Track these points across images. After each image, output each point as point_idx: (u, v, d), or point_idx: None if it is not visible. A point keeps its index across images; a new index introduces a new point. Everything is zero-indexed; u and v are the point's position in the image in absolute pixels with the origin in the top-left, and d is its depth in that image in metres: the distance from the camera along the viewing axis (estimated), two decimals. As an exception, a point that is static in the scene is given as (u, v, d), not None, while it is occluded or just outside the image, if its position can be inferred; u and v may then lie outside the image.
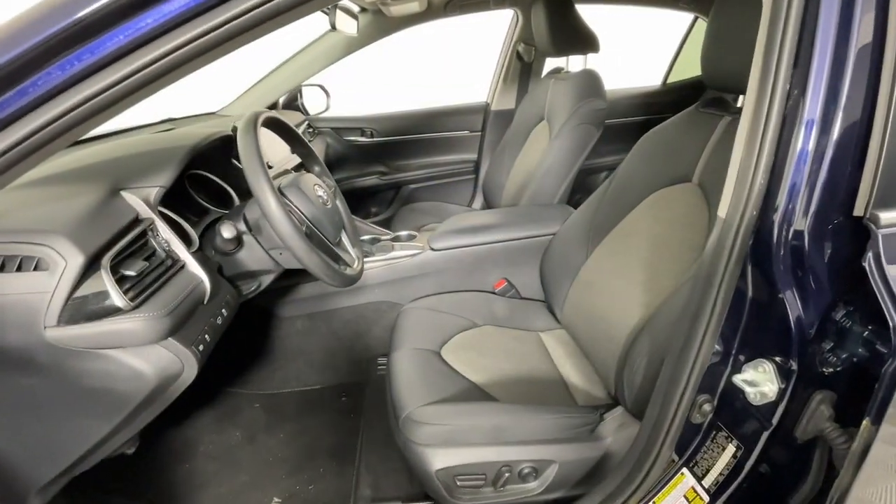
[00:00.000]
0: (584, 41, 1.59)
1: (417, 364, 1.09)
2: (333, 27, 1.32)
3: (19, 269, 0.70)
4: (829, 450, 0.66)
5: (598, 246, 1.18)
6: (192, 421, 1.40)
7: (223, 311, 0.92)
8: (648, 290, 1.00)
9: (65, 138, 0.60)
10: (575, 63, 1.71)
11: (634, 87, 2.32)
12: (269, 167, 1.14)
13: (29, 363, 0.72)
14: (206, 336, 0.85)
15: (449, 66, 3.50)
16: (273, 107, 1.93)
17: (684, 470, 0.77)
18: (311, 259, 0.86)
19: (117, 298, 0.72)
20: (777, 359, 0.63)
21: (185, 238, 0.92)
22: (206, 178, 1.13)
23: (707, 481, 0.73)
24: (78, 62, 0.55)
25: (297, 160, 1.61)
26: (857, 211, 0.57)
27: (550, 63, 1.97)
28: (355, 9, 1.56)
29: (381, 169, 2.20)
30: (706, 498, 0.73)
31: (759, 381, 0.65)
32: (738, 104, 1.00)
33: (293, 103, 2.05)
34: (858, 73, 0.55)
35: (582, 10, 1.61)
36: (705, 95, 1.10)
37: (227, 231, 0.93)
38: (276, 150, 1.46)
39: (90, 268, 0.72)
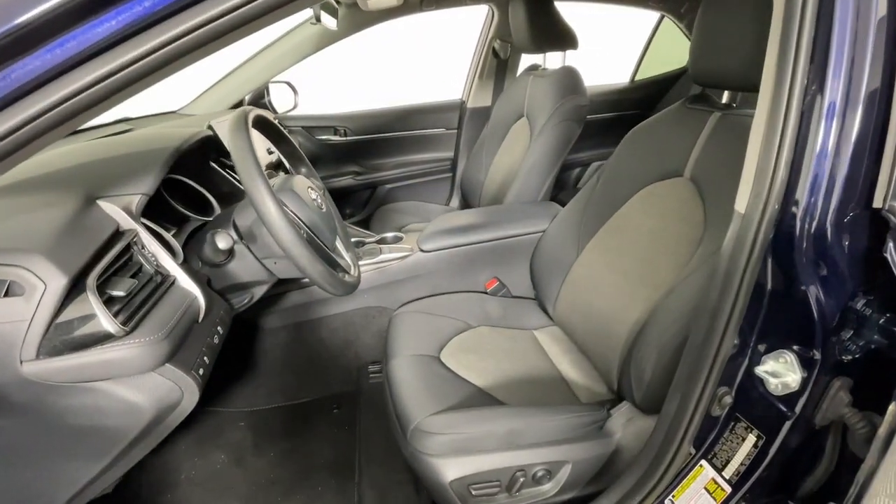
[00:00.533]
0: (563, 38, 1.60)
1: (419, 371, 1.06)
2: (318, 19, 1.26)
3: None
4: (842, 433, 0.68)
5: (589, 242, 1.18)
6: (171, 446, 1.29)
7: (218, 328, 0.84)
8: (647, 284, 1.01)
9: (42, 140, 0.53)
10: (552, 60, 1.72)
11: (603, 84, 2.36)
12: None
13: (1, 403, 0.62)
14: (205, 358, 0.77)
15: (422, 63, 3.43)
16: (239, 105, 1.83)
17: (703, 462, 0.78)
18: (315, 268, 0.80)
19: (108, 324, 0.64)
20: (799, 349, 0.65)
21: (167, 250, 0.84)
22: (180, 182, 1.04)
23: (728, 472, 0.74)
24: (59, 49, 0.48)
25: (271, 161, 1.52)
26: (877, 203, 0.58)
27: (525, 60, 1.97)
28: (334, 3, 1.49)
29: (356, 169, 2.14)
30: (728, 489, 0.74)
31: (781, 372, 0.66)
32: (724, 100, 1.03)
33: (259, 101, 1.95)
34: (876, 67, 0.56)
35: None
36: (689, 90, 1.12)
37: (222, 241, 0.85)
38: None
39: (72, 290, 0.63)
